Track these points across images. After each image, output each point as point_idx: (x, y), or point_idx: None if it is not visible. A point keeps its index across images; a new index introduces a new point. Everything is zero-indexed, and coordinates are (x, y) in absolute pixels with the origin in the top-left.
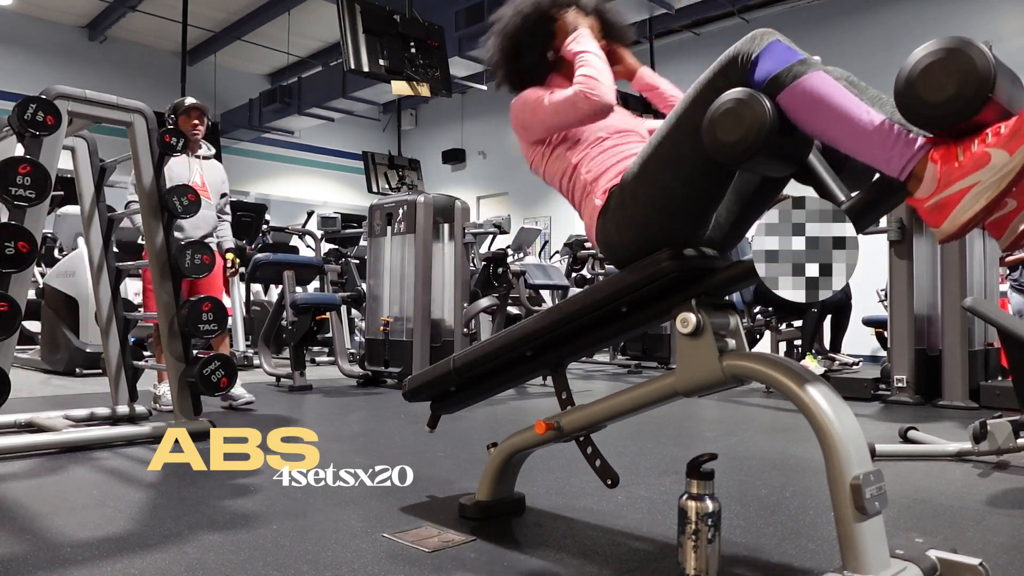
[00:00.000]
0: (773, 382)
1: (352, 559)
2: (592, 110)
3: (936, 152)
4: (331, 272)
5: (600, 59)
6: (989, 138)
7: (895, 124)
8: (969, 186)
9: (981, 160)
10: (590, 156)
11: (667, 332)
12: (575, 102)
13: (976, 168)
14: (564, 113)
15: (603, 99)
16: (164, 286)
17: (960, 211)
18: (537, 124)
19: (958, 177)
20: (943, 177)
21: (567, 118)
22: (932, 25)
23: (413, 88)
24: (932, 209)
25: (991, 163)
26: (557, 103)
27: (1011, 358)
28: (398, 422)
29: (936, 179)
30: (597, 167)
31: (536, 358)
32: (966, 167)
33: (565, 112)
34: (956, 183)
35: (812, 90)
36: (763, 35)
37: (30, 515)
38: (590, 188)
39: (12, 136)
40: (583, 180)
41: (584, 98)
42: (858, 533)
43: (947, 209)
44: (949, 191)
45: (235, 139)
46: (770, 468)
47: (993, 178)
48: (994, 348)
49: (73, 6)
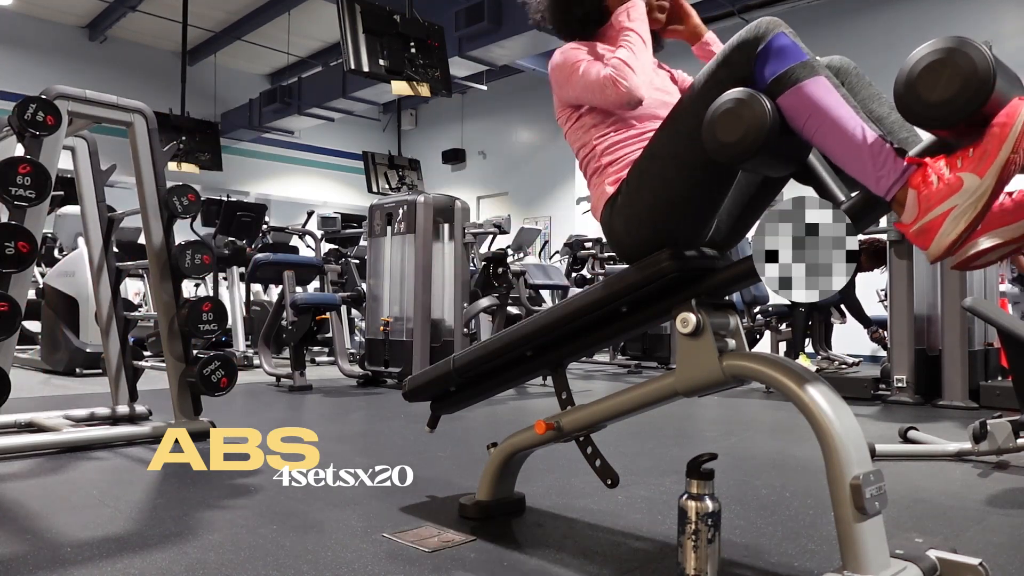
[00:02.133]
0: (773, 382)
1: (352, 559)
2: (619, 100)
3: (914, 178)
4: (331, 272)
5: (644, 44)
6: (959, 163)
7: (886, 144)
8: (947, 211)
9: (955, 185)
10: (611, 139)
11: (667, 332)
12: (604, 86)
13: (951, 193)
14: (591, 93)
15: (632, 92)
16: (164, 286)
17: (942, 235)
18: (569, 88)
19: (936, 202)
20: (923, 203)
21: (593, 98)
22: (932, 25)
23: (413, 88)
24: (917, 234)
25: (964, 187)
26: (589, 80)
27: (1011, 358)
28: (398, 422)
29: (916, 205)
30: (615, 153)
31: (536, 358)
32: (942, 192)
33: (592, 92)
34: (935, 208)
35: (810, 97)
36: (768, 24)
37: (30, 515)
38: (604, 171)
39: (12, 136)
40: (599, 161)
41: (613, 85)
42: (858, 533)
43: (931, 233)
44: (930, 216)
45: (235, 139)
46: (770, 468)
47: (968, 201)
48: (994, 348)
49: (73, 6)
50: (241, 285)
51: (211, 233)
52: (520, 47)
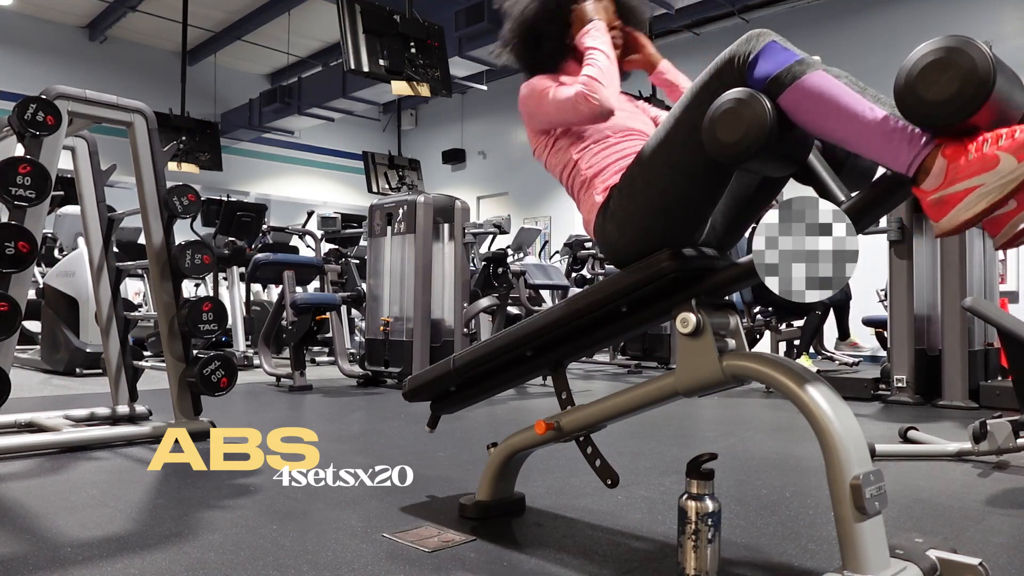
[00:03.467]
0: (773, 382)
1: (352, 559)
2: (591, 113)
3: (947, 147)
4: (331, 272)
5: (609, 59)
6: (1003, 140)
7: (899, 119)
8: (973, 187)
9: (990, 162)
10: (592, 152)
11: (667, 332)
12: (575, 103)
13: (983, 169)
14: (564, 112)
15: (603, 104)
16: (164, 286)
17: (960, 210)
18: (541, 115)
19: (964, 176)
20: (950, 173)
21: (567, 117)
22: (932, 25)
23: (413, 88)
24: (935, 203)
25: (999, 167)
26: (559, 101)
27: (1011, 358)
28: (398, 422)
29: (943, 174)
30: (598, 163)
31: (536, 358)
32: (973, 167)
33: (565, 111)
34: (961, 181)
35: (814, 89)
36: (759, 36)
37: (30, 515)
38: (590, 184)
39: (12, 136)
40: (583, 175)
41: (584, 100)
42: (858, 533)
43: (948, 206)
44: (953, 188)
45: (235, 139)
46: (770, 468)
47: (998, 182)
48: (994, 348)
49: (73, 6)
50: (241, 285)
51: (211, 233)
52: None
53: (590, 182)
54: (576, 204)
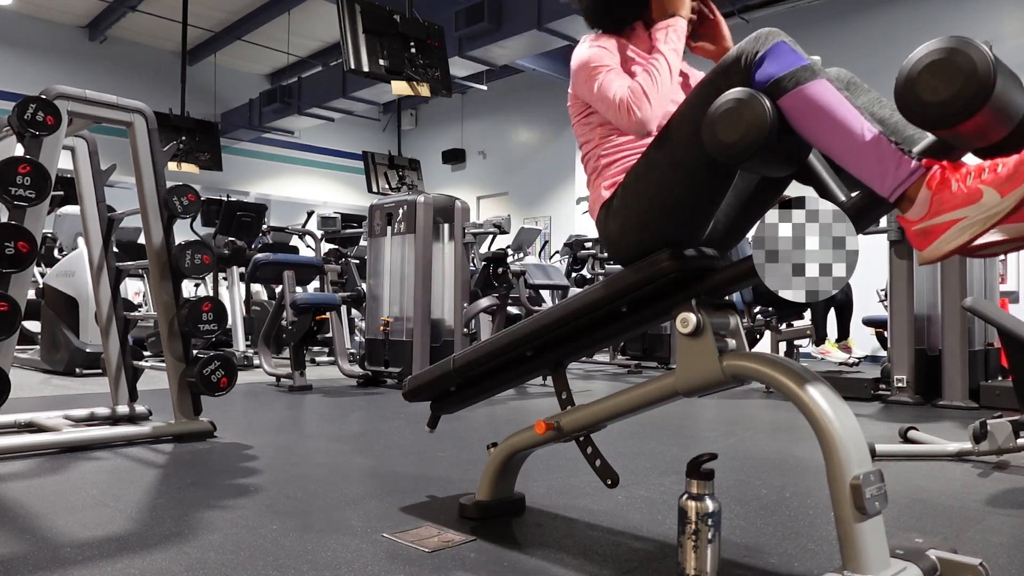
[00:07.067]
0: (773, 382)
1: (352, 559)
2: (628, 127)
3: (932, 178)
4: (331, 272)
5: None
6: (985, 174)
7: (891, 143)
8: (957, 219)
9: (973, 196)
10: (613, 141)
11: (667, 332)
12: (617, 109)
13: (967, 203)
14: (604, 108)
15: (644, 124)
16: (164, 286)
17: (943, 242)
18: (585, 91)
19: (948, 208)
20: (934, 205)
21: (605, 113)
22: (932, 25)
23: (413, 88)
24: (919, 233)
25: (981, 201)
26: (604, 95)
27: (1011, 358)
28: (398, 422)
29: (927, 204)
30: (615, 155)
31: (536, 358)
32: (958, 199)
33: (605, 108)
34: (945, 213)
35: (813, 98)
36: (768, 35)
37: (30, 515)
38: (602, 172)
39: (12, 136)
40: (599, 161)
41: (626, 111)
42: (858, 533)
43: (932, 236)
44: (937, 220)
45: (235, 139)
46: (770, 468)
47: (981, 215)
48: (994, 348)
49: (73, 6)
50: (241, 285)
51: (211, 233)
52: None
53: (602, 171)
54: (587, 182)
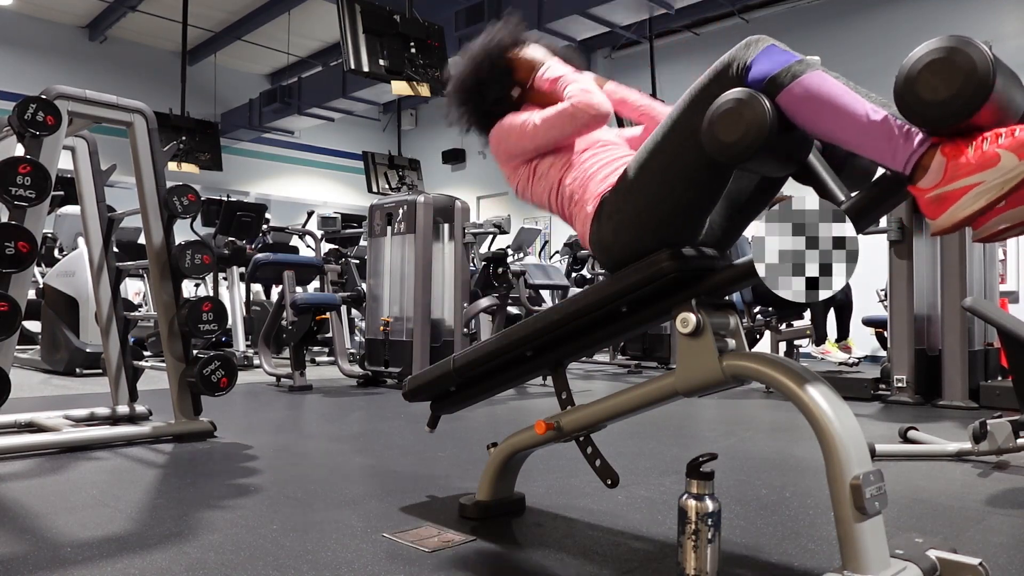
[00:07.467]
0: (773, 382)
1: (352, 559)
2: (595, 117)
3: (946, 145)
4: (331, 272)
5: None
6: (1003, 138)
7: (897, 119)
8: (973, 184)
9: (990, 160)
10: (574, 166)
11: (667, 332)
12: (573, 113)
13: (983, 167)
14: (560, 126)
15: (601, 105)
16: (164, 286)
17: (958, 208)
18: (526, 144)
19: (964, 174)
20: (949, 171)
21: (563, 130)
22: (932, 25)
23: (413, 88)
24: (932, 201)
25: (999, 165)
26: (550, 118)
27: (1011, 358)
28: (398, 422)
29: (942, 171)
30: (582, 175)
31: (536, 358)
32: (972, 165)
33: (561, 125)
34: (960, 179)
35: (812, 88)
36: (758, 41)
37: (30, 515)
38: (579, 197)
39: (12, 136)
40: (569, 191)
41: (584, 108)
42: (858, 533)
43: (946, 203)
44: (952, 186)
45: (235, 139)
46: (770, 468)
47: (998, 180)
48: (994, 348)
49: (73, 6)
50: (241, 285)
51: (211, 233)
52: None
53: (579, 196)
54: (571, 224)
